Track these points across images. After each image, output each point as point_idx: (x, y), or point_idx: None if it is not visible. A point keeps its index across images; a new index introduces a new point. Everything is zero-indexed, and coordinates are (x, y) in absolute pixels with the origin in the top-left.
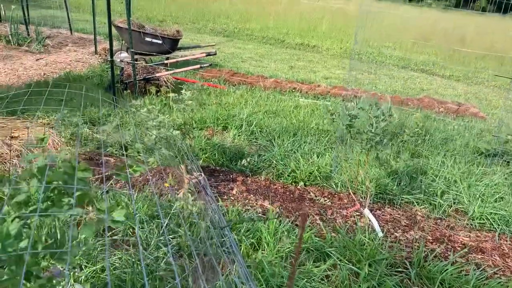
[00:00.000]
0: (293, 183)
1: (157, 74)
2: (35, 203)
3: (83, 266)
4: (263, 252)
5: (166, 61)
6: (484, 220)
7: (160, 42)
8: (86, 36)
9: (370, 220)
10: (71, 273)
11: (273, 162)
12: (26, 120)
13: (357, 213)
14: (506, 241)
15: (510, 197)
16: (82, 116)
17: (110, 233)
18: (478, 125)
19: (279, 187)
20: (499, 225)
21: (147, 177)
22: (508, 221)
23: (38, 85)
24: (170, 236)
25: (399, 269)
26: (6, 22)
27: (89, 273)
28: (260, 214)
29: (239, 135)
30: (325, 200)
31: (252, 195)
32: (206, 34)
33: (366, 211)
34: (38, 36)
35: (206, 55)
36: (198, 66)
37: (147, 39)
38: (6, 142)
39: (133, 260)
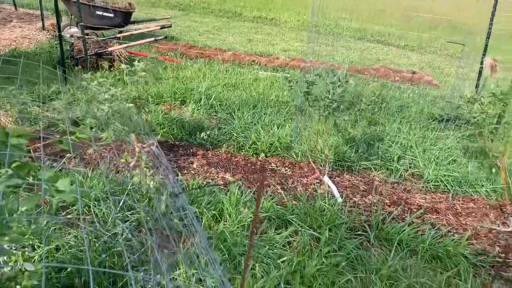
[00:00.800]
0: (254, 155)
1: (110, 49)
2: None
3: (35, 246)
4: (225, 223)
5: (118, 35)
6: (438, 182)
7: (111, 15)
8: (32, 11)
9: (329, 187)
10: (20, 253)
11: (233, 134)
12: None
13: (317, 181)
14: (459, 201)
15: (462, 159)
16: (31, 94)
17: (64, 212)
18: (432, 92)
19: (241, 159)
20: (452, 186)
21: (102, 154)
22: (460, 182)
23: None
24: (129, 212)
25: (359, 232)
26: None
27: (42, 252)
28: (221, 187)
29: (198, 109)
30: (286, 170)
31: (213, 168)
32: (161, 8)
33: (326, 178)
34: None
35: (161, 28)
36: (152, 39)
37: (98, 12)
38: None
39: (89, 238)
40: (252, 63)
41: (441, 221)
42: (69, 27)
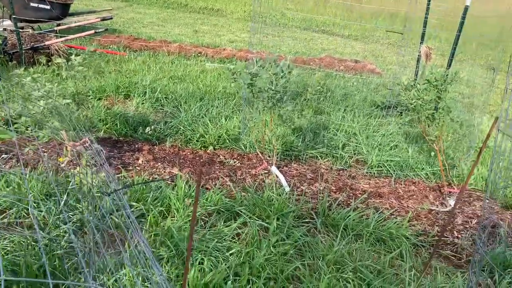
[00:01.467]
0: (202, 148)
1: (47, 42)
2: None
3: None
4: (173, 219)
5: (56, 28)
6: (381, 167)
7: (48, 7)
8: None
9: (277, 177)
10: None
11: (180, 128)
12: None
13: (265, 171)
14: (401, 184)
15: (404, 144)
16: None
17: (1, 216)
18: (375, 81)
19: (188, 153)
20: (394, 170)
21: (41, 153)
22: (402, 166)
23: None
24: (71, 213)
25: (306, 220)
26: None
27: None
28: (168, 182)
29: (142, 103)
30: (234, 162)
31: (159, 163)
32: None
33: (273, 168)
34: None
35: (102, 20)
36: (92, 31)
37: (33, 4)
38: None
39: (28, 241)
40: (199, 54)
41: (384, 205)
42: (1, 20)
